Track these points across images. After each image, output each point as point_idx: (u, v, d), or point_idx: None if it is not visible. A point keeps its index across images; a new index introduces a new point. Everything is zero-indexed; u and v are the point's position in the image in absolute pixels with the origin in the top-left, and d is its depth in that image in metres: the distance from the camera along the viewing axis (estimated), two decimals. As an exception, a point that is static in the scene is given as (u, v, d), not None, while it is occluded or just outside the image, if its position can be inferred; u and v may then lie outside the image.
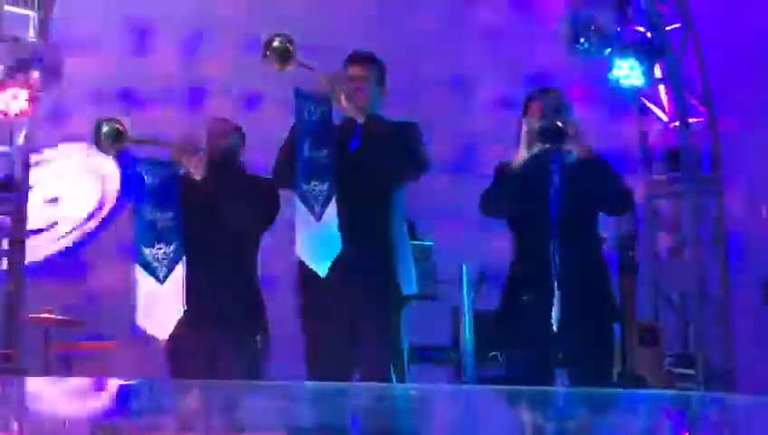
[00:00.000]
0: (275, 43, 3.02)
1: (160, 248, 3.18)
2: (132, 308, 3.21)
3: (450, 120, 6.27)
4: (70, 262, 6.23)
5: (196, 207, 3.29)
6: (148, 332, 3.17)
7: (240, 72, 5.55)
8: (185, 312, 3.20)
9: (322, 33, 5.33)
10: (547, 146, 3.03)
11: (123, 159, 3.24)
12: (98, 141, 3.21)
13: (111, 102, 5.99)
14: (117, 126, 3.22)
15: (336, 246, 2.99)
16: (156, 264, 3.17)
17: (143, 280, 3.17)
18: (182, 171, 3.32)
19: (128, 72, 6.38)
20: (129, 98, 6.33)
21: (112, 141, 3.21)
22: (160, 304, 3.17)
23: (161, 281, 3.17)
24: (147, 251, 3.17)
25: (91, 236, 6.30)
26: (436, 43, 6.41)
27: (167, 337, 3.19)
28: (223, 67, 6.26)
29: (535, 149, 3.06)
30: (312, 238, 3.01)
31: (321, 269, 3.00)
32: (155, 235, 3.18)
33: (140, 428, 1.81)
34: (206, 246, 3.32)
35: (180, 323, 3.22)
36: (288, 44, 3.03)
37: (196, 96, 6.27)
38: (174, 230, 3.21)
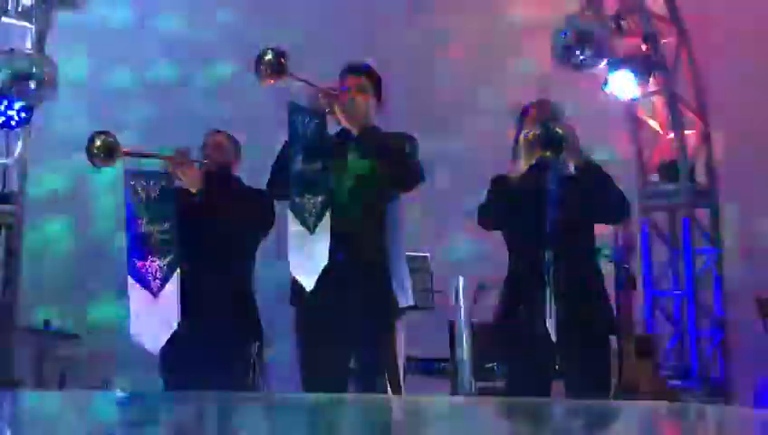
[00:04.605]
0: (268, 57, 3.03)
1: (154, 261, 3.17)
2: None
3: (447, 130, 6.29)
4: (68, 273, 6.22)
5: (192, 218, 3.29)
6: (142, 345, 3.16)
7: (238, 83, 5.57)
8: (180, 324, 3.19)
9: (320, 45, 5.35)
10: (547, 154, 3.03)
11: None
12: (91, 155, 3.21)
13: (109, 111, 6.01)
14: (110, 139, 3.22)
15: (323, 259, 2.98)
16: (149, 277, 3.16)
17: (136, 293, 3.16)
18: (177, 184, 3.32)
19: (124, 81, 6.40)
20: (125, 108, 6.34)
21: (105, 155, 3.21)
22: (154, 317, 3.16)
23: (155, 294, 3.17)
24: (140, 264, 3.17)
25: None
26: (432, 54, 6.44)
27: (159, 351, 3.18)
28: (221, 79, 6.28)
29: (534, 159, 3.07)
30: (302, 252, 3.01)
31: (309, 283, 3.00)
32: (148, 248, 3.18)
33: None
34: (202, 258, 3.32)
35: (176, 335, 3.22)
36: (281, 58, 3.03)
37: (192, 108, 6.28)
38: (168, 243, 3.20)
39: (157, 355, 3.24)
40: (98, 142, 3.22)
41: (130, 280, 3.16)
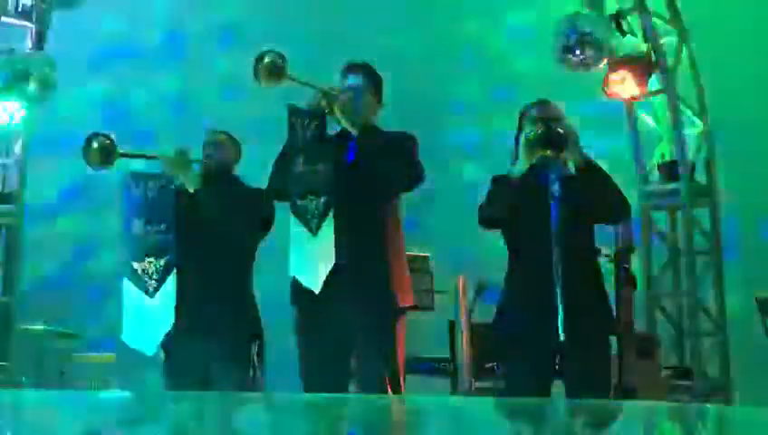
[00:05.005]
0: (266, 60, 3.03)
1: (150, 262, 3.17)
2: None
3: (447, 129, 6.29)
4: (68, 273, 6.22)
5: (191, 218, 3.29)
6: (134, 347, 3.15)
7: (236, 85, 5.56)
8: (180, 324, 3.19)
9: (318, 46, 5.36)
10: (548, 153, 3.03)
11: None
12: (88, 156, 3.21)
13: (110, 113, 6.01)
14: (107, 140, 3.22)
15: (329, 261, 2.98)
16: (145, 277, 3.16)
17: (131, 294, 3.15)
18: (176, 184, 3.32)
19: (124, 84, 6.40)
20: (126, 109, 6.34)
21: (102, 156, 3.21)
22: (149, 318, 3.15)
23: (151, 295, 3.16)
24: (136, 265, 3.16)
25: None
26: (431, 55, 6.44)
27: (152, 353, 3.17)
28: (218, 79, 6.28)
29: (534, 159, 3.07)
30: (306, 254, 3.00)
31: (315, 285, 3.00)
32: (145, 248, 3.18)
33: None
34: (201, 258, 3.32)
35: (176, 336, 3.21)
36: (279, 60, 3.03)
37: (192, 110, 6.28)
38: (165, 243, 3.20)
39: (153, 355, 3.23)
40: (95, 144, 3.22)
41: (125, 281, 3.16)
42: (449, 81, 6.48)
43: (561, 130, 3.04)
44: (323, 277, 2.99)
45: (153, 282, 3.17)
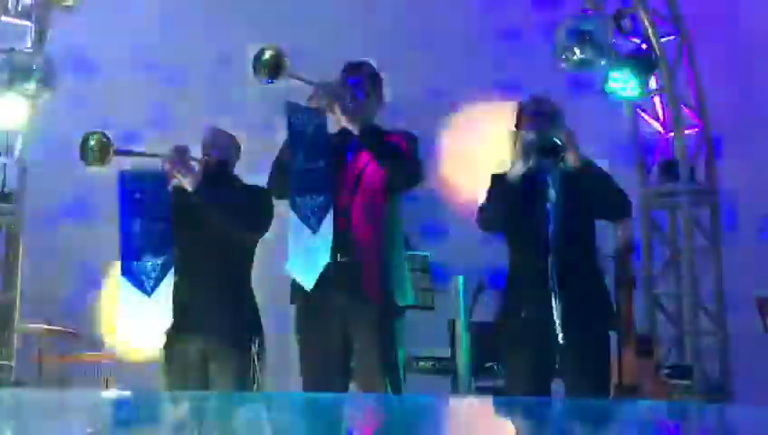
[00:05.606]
0: (266, 56, 3.01)
1: (148, 261, 3.15)
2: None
3: (447, 128, 6.28)
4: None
5: (190, 218, 3.28)
6: (131, 345, 3.14)
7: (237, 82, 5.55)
8: (180, 323, 3.19)
9: (319, 44, 5.35)
10: (545, 160, 3.03)
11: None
12: (84, 154, 3.20)
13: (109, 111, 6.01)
14: (103, 139, 3.21)
15: (324, 258, 2.98)
16: (143, 276, 3.15)
17: (127, 293, 3.13)
18: (175, 182, 3.31)
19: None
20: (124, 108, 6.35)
21: (99, 154, 3.20)
22: (145, 317, 3.14)
23: (148, 294, 3.15)
24: (133, 264, 3.15)
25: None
26: (430, 52, 6.44)
27: (149, 351, 3.16)
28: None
29: (531, 162, 3.06)
30: (303, 251, 3.00)
31: (308, 283, 2.99)
32: (142, 247, 3.16)
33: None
34: (200, 257, 3.31)
35: (175, 335, 3.21)
36: (279, 57, 3.02)
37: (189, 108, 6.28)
38: (163, 243, 3.18)
39: (152, 356, 3.23)
40: (91, 142, 3.21)
41: (122, 280, 3.14)
42: (452, 77, 6.47)
43: (557, 140, 3.02)
44: (316, 277, 2.99)
45: (151, 281, 3.15)
